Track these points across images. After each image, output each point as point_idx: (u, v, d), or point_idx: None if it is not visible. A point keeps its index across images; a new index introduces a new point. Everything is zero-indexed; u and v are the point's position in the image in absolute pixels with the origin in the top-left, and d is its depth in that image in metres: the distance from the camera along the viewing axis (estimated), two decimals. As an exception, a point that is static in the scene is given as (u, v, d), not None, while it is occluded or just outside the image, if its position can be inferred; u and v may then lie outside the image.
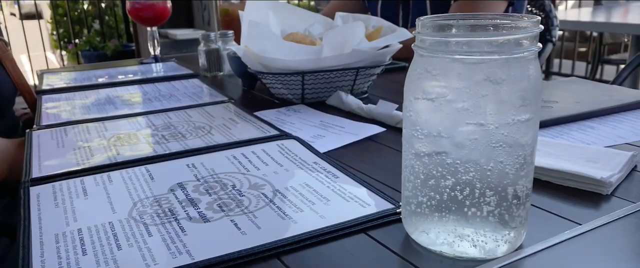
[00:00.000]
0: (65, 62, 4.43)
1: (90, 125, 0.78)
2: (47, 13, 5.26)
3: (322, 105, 0.86)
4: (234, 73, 1.03)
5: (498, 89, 0.35)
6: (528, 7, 1.60)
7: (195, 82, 1.10)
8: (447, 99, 0.36)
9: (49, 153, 0.66)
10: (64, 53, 4.56)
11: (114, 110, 0.87)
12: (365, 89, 0.92)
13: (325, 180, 0.54)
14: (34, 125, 0.80)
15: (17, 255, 0.41)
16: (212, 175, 0.56)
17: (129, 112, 0.86)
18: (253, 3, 0.93)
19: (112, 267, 0.39)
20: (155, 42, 1.34)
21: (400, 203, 0.44)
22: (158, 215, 0.47)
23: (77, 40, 4.32)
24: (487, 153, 0.36)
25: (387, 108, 0.74)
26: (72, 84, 1.11)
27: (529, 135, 0.36)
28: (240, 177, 0.55)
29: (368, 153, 0.64)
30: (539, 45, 0.36)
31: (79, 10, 4.44)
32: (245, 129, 0.73)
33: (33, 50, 3.85)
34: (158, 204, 0.49)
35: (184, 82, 1.10)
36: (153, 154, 0.64)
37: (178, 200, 0.50)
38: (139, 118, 0.82)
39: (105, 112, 0.87)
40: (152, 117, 0.82)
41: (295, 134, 0.69)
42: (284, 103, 0.89)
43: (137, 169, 0.59)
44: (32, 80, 3.42)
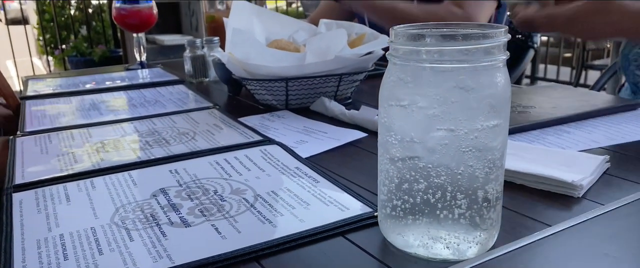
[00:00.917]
0: (52, 67, 4.40)
1: (75, 132, 0.78)
2: (33, 18, 5.22)
3: (306, 111, 0.87)
4: (219, 79, 1.04)
5: (467, 96, 0.36)
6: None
7: (181, 88, 1.10)
8: (419, 106, 0.37)
9: (33, 159, 0.66)
10: (51, 59, 4.53)
11: (99, 117, 0.88)
12: (349, 95, 0.93)
13: (306, 185, 0.55)
14: (18, 132, 0.80)
15: (-2, 261, 0.42)
16: (194, 181, 0.57)
17: (114, 118, 0.86)
18: (237, 10, 0.94)
19: (93, 271, 0.40)
20: (142, 48, 1.34)
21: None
22: (140, 220, 0.48)
23: (64, 46, 4.29)
24: (457, 157, 0.37)
25: (369, 113, 0.76)
26: (57, 90, 1.11)
27: (498, 140, 0.38)
28: (223, 182, 0.56)
29: (349, 158, 0.65)
30: (507, 54, 0.38)
31: (66, 16, 4.41)
32: (229, 135, 0.74)
33: (19, 56, 3.82)
34: (140, 209, 0.50)
35: (170, 88, 1.11)
36: (137, 160, 0.64)
37: (160, 206, 0.51)
38: (124, 124, 0.82)
39: (90, 118, 0.87)
40: (136, 123, 0.83)
41: (279, 140, 0.70)
42: (269, 109, 0.90)
43: (120, 175, 0.59)
44: (18, 86, 3.39)
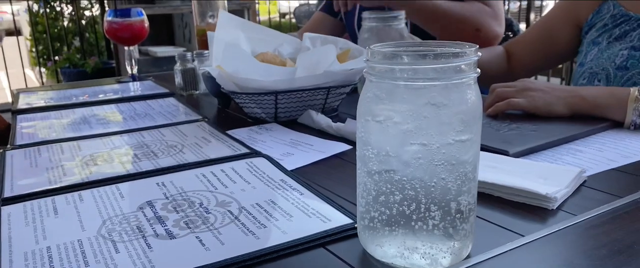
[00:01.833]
0: (44, 79, 4.39)
1: (64, 145, 0.80)
2: (26, 30, 5.23)
3: (294, 124, 0.88)
4: (209, 92, 1.06)
5: (439, 112, 0.38)
6: None
7: (171, 100, 1.12)
8: (394, 121, 0.39)
9: (22, 173, 0.67)
10: (44, 70, 4.53)
11: (89, 130, 0.89)
12: (336, 107, 0.95)
13: (290, 197, 0.56)
14: (8, 145, 0.81)
15: (-14, 273, 0.43)
16: (180, 194, 0.58)
17: (104, 131, 0.88)
18: (223, 22, 0.95)
19: (78, 283, 0.41)
20: (133, 61, 1.36)
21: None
22: (126, 233, 0.49)
23: (56, 57, 4.30)
24: (430, 170, 0.38)
25: (353, 126, 0.77)
26: (48, 103, 1.12)
27: (469, 154, 0.39)
28: (208, 194, 0.57)
29: (334, 170, 0.66)
30: (478, 71, 0.39)
31: (59, 27, 4.42)
32: (217, 148, 0.75)
33: (11, 67, 3.82)
34: (127, 222, 0.51)
35: (160, 101, 1.12)
36: (124, 173, 0.65)
37: (146, 218, 0.52)
38: (113, 137, 0.83)
39: (80, 131, 0.88)
40: (126, 136, 0.84)
41: (266, 152, 0.71)
42: (257, 121, 0.91)
43: (108, 188, 0.60)
44: (9, 98, 3.38)
